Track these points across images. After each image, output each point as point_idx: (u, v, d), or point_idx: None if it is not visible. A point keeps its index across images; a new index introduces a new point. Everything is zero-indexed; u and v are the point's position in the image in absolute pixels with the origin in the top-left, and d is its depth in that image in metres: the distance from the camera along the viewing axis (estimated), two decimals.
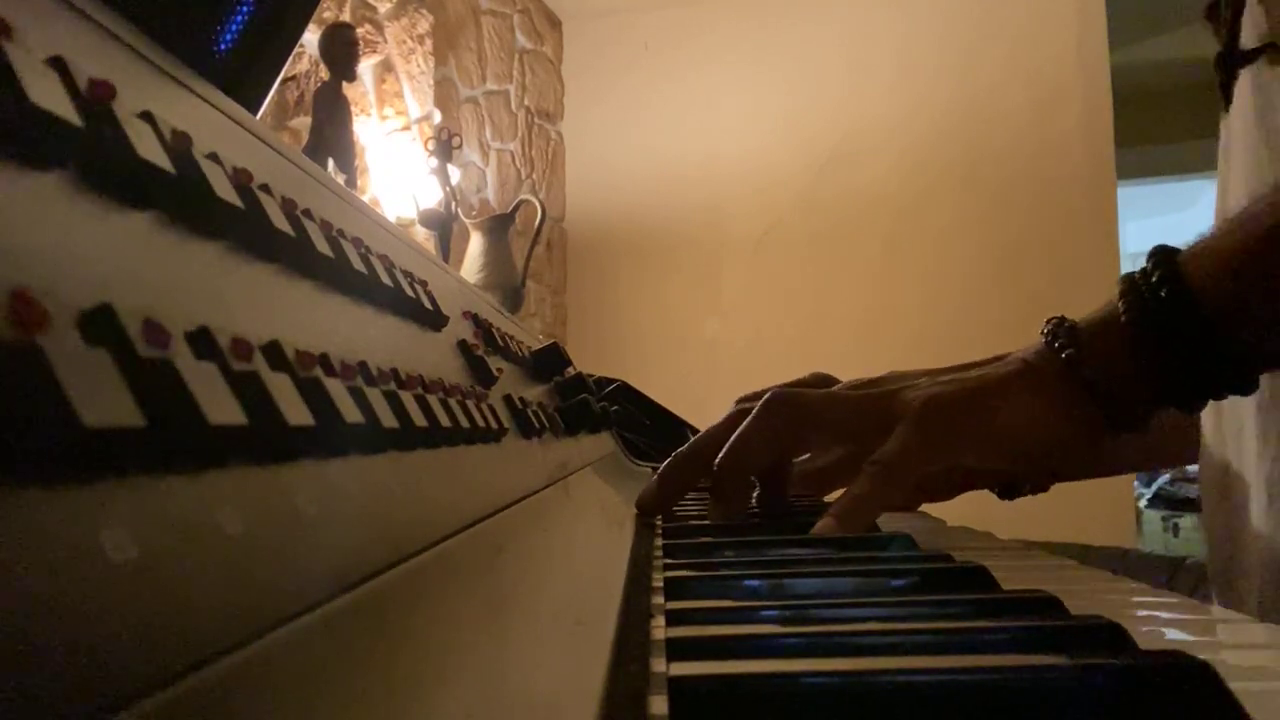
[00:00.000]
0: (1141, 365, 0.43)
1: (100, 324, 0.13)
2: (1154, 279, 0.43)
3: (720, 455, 0.49)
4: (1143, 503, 3.78)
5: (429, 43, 2.37)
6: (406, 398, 0.23)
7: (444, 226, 2.11)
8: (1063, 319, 0.47)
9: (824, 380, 0.57)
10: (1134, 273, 0.45)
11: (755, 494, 0.54)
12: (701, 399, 1.46)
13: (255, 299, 0.20)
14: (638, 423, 1.01)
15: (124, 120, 0.17)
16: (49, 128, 0.14)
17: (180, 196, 0.18)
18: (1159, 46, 3.67)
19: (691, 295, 3.04)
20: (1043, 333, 0.47)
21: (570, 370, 0.61)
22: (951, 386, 0.47)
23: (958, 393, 0.46)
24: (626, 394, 1.10)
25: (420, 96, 2.34)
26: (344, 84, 1.75)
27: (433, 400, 0.26)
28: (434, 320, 0.34)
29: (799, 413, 0.50)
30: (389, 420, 0.21)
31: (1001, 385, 0.46)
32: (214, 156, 0.20)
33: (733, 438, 0.49)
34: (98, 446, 0.11)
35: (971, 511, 0.59)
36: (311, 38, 1.77)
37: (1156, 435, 0.47)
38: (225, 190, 0.19)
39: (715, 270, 3.03)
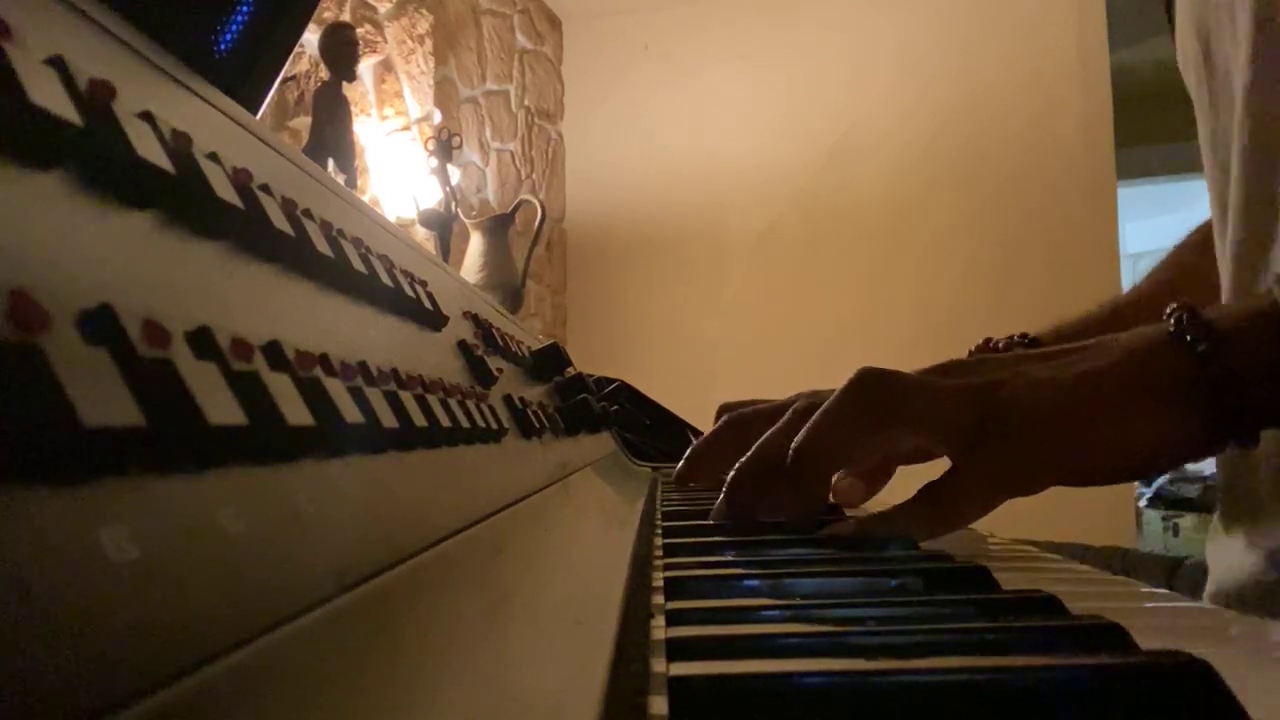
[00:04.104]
0: None
1: (100, 324, 0.13)
2: None
3: (800, 438, 0.43)
4: (1143, 503, 3.78)
5: (429, 43, 2.37)
6: (406, 398, 0.23)
7: (444, 226, 2.11)
8: (1191, 306, 0.41)
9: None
10: None
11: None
12: (701, 399, 1.46)
13: (255, 299, 0.20)
14: (638, 423, 1.01)
15: (124, 120, 0.17)
16: (49, 128, 0.14)
17: (180, 196, 0.18)
18: (1159, 46, 3.67)
19: (691, 295, 3.04)
20: (1166, 319, 0.42)
21: (570, 370, 0.61)
22: (1057, 393, 0.41)
23: (1067, 403, 0.41)
24: (626, 394, 1.10)
25: (420, 96, 2.34)
26: (344, 84, 1.76)
27: (433, 400, 0.26)
28: (434, 320, 0.34)
29: (892, 398, 0.43)
30: (389, 420, 0.21)
31: (1115, 386, 0.41)
32: (214, 156, 0.20)
33: (816, 418, 0.44)
34: (98, 446, 0.11)
35: None
36: (311, 38, 1.77)
37: None
38: (225, 190, 0.19)
39: (715, 270, 3.03)
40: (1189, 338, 0.41)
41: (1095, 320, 0.75)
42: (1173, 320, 0.42)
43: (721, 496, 0.48)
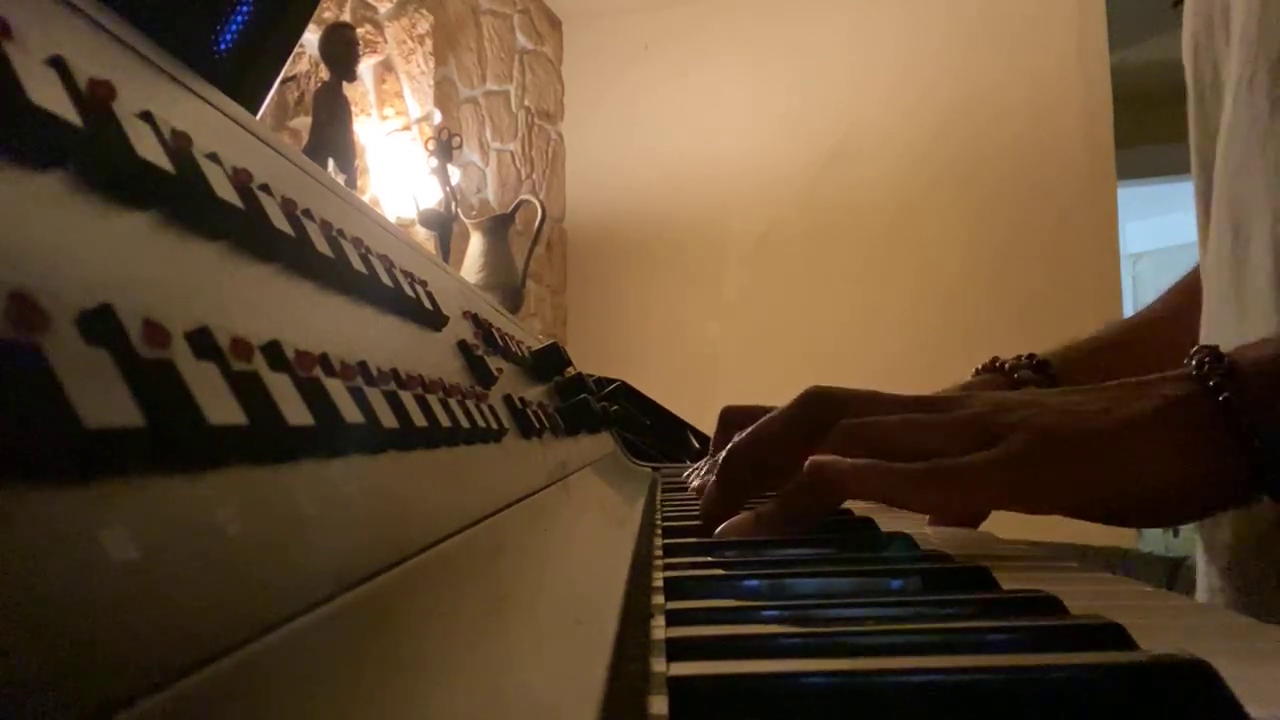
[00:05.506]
0: None
1: (100, 324, 0.13)
2: None
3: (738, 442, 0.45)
4: None
5: (429, 43, 2.37)
6: (406, 398, 0.23)
7: (444, 226, 2.11)
8: (1215, 350, 0.39)
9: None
10: None
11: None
12: (701, 399, 1.46)
13: (255, 299, 0.20)
14: (638, 423, 1.01)
15: (124, 120, 0.17)
16: (49, 128, 0.14)
17: (180, 196, 0.18)
18: (1159, 46, 3.67)
19: (692, 295, 3.04)
20: (1189, 363, 0.40)
21: (570, 370, 0.61)
22: (1073, 421, 0.40)
23: (1082, 432, 0.39)
24: (626, 394, 1.10)
25: (420, 96, 2.34)
26: (344, 84, 1.76)
27: (433, 400, 0.26)
28: (434, 320, 0.34)
29: (869, 444, 0.42)
30: (389, 420, 0.21)
31: (1137, 426, 0.39)
32: (214, 156, 0.20)
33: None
34: (98, 446, 0.11)
35: None
36: (311, 38, 1.77)
37: None
38: (225, 190, 0.19)
39: (716, 270, 3.03)
40: (1211, 383, 0.39)
41: (1107, 342, 0.71)
42: (1194, 363, 0.40)
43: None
